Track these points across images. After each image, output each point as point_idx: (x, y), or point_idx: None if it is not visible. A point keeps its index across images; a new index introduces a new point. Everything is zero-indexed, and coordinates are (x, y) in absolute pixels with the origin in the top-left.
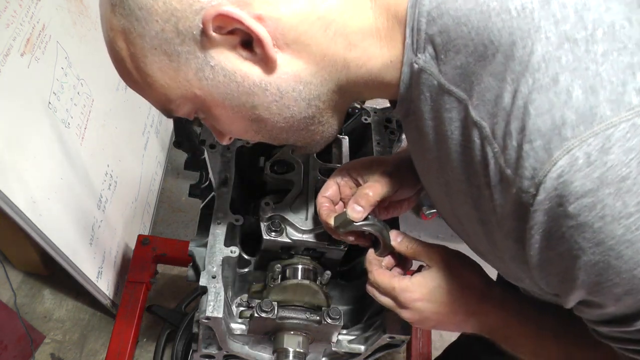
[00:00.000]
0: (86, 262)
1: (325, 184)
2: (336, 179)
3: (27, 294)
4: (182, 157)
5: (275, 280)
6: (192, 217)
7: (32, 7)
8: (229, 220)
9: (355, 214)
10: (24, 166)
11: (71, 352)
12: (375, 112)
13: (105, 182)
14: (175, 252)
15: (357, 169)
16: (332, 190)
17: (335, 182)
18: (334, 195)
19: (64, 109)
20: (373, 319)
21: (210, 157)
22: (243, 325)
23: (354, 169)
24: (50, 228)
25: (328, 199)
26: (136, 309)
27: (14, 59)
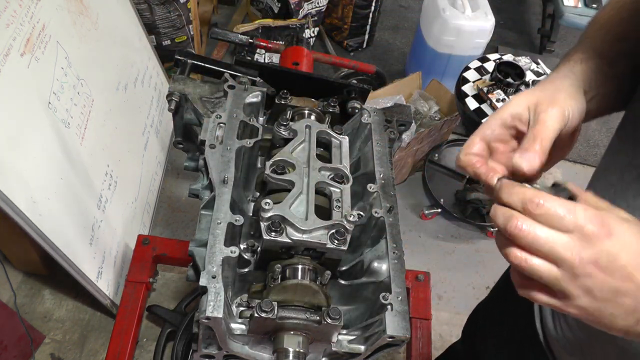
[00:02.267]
0: (86, 262)
1: (469, 139)
2: (483, 132)
3: (27, 294)
4: (182, 157)
5: (275, 280)
6: (192, 217)
7: (32, 7)
8: (228, 220)
9: (526, 163)
10: (24, 166)
11: (71, 352)
12: (375, 112)
13: (105, 182)
14: (175, 252)
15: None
16: (477, 147)
17: (480, 137)
18: (480, 153)
19: (64, 109)
20: (373, 318)
21: (210, 157)
22: (243, 325)
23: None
24: (50, 228)
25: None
26: (136, 309)
27: (14, 59)
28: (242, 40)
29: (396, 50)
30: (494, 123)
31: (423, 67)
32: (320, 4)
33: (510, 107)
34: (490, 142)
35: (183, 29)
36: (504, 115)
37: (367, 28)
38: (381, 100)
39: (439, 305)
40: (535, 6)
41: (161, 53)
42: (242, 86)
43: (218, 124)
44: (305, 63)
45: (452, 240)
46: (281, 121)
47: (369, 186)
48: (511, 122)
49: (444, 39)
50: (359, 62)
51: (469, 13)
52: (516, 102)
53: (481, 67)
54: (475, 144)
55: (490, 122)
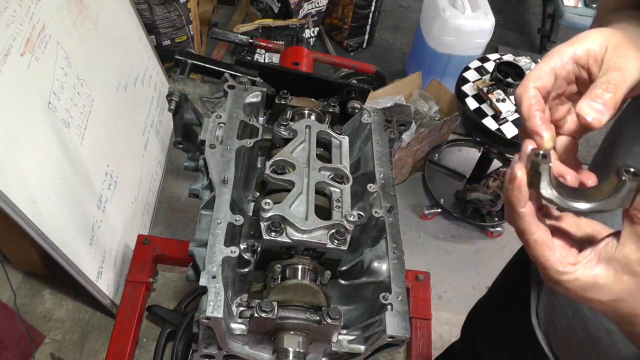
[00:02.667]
0: (86, 262)
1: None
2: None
3: (27, 294)
4: (182, 157)
5: (275, 280)
6: (192, 217)
7: (32, 7)
8: (228, 220)
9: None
10: (24, 166)
11: (71, 352)
12: (375, 112)
13: (105, 182)
14: (175, 252)
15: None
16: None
17: (552, 68)
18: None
19: (64, 109)
20: (373, 318)
21: (210, 157)
22: (243, 325)
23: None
24: (50, 228)
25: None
26: (136, 309)
27: (14, 59)
28: (242, 40)
29: (396, 50)
30: (566, 55)
31: (423, 67)
32: (320, 4)
33: (586, 41)
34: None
35: (183, 29)
36: (577, 50)
37: (367, 28)
38: (381, 100)
39: (439, 305)
40: (535, 6)
41: (161, 53)
42: (242, 86)
43: (218, 124)
44: (305, 63)
45: (452, 240)
46: (281, 121)
47: (369, 186)
48: (585, 60)
49: (444, 39)
50: (359, 62)
51: (469, 13)
52: (591, 37)
53: (481, 67)
54: (546, 74)
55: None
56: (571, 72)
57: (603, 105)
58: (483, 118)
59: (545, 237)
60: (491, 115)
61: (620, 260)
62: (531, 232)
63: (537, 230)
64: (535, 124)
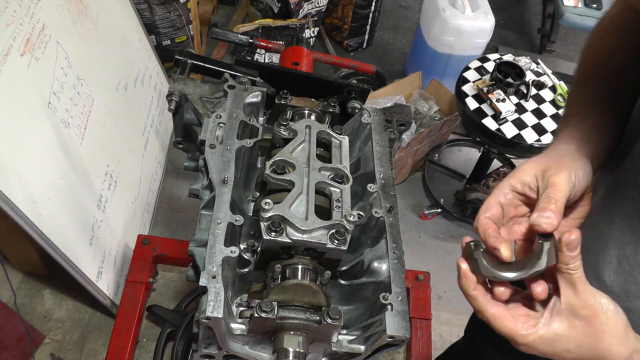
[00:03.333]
0: (86, 262)
1: (485, 203)
2: (497, 197)
3: (27, 294)
4: (182, 157)
5: (275, 280)
6: (192, 217)
7: (32, 7)
8: (228, 220)
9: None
10: (24, 166)
11: (71, 352)
12: (375, 112)
13: (105, 182)
14: (175, 252)
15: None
16: (494, 209)
17: (497, 201)
18: (496, 216)
19: (64, 109)
20: (373, 319)
21: (210, 157)
22: (243, 325)
23: (519, 182)
24: (50, 228)
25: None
26: (136, 309)
27: (14, 59)
28: (242, 40)
29: (396, 50)
30: (505, 188)
31: (423, 67)
32: (320, 4)
33: (520, 175)
34: (503, 206)
35: (183, 29)
36: (513, 182)
37: (367, 28)
38: (381, 100)
39: (439, 305)
40: (535, 6)
41: (161, 53)
42: (242, 86)
43: (218, 124)
44: (305, 63)
45: (452, 240)
46: (281, 121)
47: (369, 186)
48: (521, 189)
49: (444, 39)
50: (359, 62)
51: (469, 13)
52: (524, 170)
53: (481, 67)
54: (493, 206)
55: (502, 187)
56: (513, 199)
57: (551, 212)
58: (483, 118)
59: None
60: (491, 115)
61: (567, 309)
62: (486, 310)
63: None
64: (492, 242)
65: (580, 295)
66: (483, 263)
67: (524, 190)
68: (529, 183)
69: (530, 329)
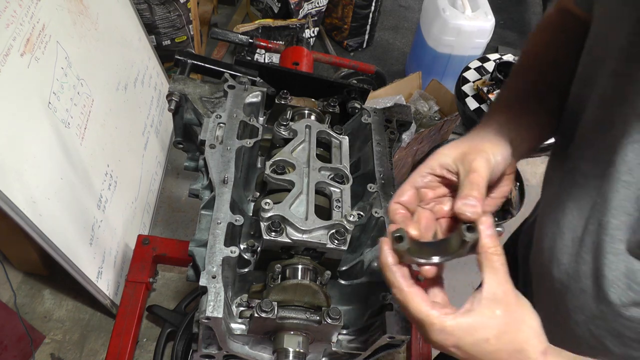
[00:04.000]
0: (86, 262)
1: (399, 188)
2: (414, 181)
3: (27, 294)
4: (182, 157)
5: (275, 280)
6: (192, 217)
7: (32, 7)
8: (229, 220)
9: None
10: (24, 166)
11: (71, 352)
12: (375, 112)
13: (105, 182)
14: (175, 252)
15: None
16: (408, 194)
17: (411, 185)
18: (410, 201)
19: (64, 109)
20: (373, 319)
21: (210, 157)
22: (243, 325)
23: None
24: (50, 228)
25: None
26: (136, 309)
27: (14, 59)
28: (242, 40)
29: (396, 50)
30: (424, 171)
31: (423, 67)
32: (320, 4)
33: (439, 158)
34: (420, 189)
35: (183, 29)
36: (433, 165)
37: (367, 28)
38: (381, 100)
39: None
40: (535, 6)
41: (161, 53)
42: (242, 86)
43: (218, 124)
44: (305, 63)
45: None
46: (281, 121)
47: (369, 186)
48: (439, 171)
49: (444, 39)
50: (359, 62)
51: (469, 13)
52: (444, 152)
53: (481, 67)
54: (406, 191)
55: (420, 170)
56: (431, 181)
57: (473, 200)
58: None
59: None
60: None
61: (489, 297)
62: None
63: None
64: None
65: (503, 285)
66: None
67: (442, 172)
68: (447, 166)
69: (449, 314)
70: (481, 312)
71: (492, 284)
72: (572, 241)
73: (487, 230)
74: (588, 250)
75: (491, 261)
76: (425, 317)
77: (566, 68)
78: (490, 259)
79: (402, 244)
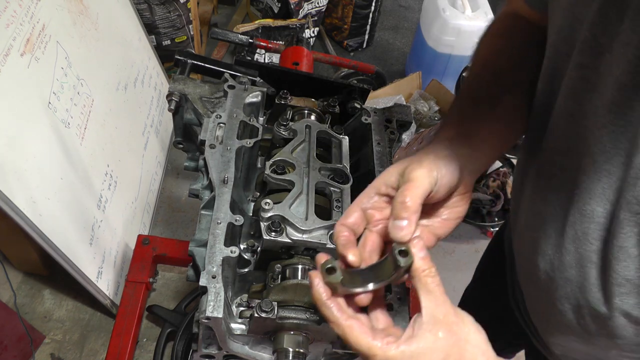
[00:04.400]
0: (86, 262)
1: (346, 210)
2: (360, 202)
3: (27, 294)
4: (182, 157)
5: (275, 280)
6: (192, 217)
7: (32, 7)
8: (229, 220)
9: (399, 232)
10: (24, 166)
11: (71, 352)
12: (375, 112)
13: (105, 182)
14: (175, 252)
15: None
16: (354, 216)
17: (357, 207)
18: (356, 223)
19: (64, 109)
20: None
21: (210, 157)
22: (243, 325)
23: (383, 184)
24: (50, 228)
25: (348, 228)
26: (136, 309)
27: (14, 59)
28: (242, 40)
29: (396, 50)
30: (370, 191)
31: (423, 67)
32: (320, 4)
33: (384, 176)
34: (367, 210)
35: (183, 29)
36: (378, 184)
37: (367, 28)
38: (381, 100)
39: None
40: None
41: (161, 53)
42: (242, 86)
43: (218, 124)
44: (305, 63)
45: (452, 240)
46: (281, 121)
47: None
48: (385, 190)
49: (444, 39)
50: (359, 62)
51: (469, 13)
52: (389, 170)
53: None
54: (352, 213)
55: (367, 191)
56: (378, 202)
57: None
58: None
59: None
60: None
61: (430, 321)
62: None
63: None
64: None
65: (441, 306)
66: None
67: (388, 191)
68: (391, 184)
69: (391, 344)
70: (424, 337)
71: (430, 306)
72: (554, 231)
73: (420, 253)
74: (571, 241)
75: (426, 284)
76: (367, 350)
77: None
78: (425, 282)
79: (335, 276)
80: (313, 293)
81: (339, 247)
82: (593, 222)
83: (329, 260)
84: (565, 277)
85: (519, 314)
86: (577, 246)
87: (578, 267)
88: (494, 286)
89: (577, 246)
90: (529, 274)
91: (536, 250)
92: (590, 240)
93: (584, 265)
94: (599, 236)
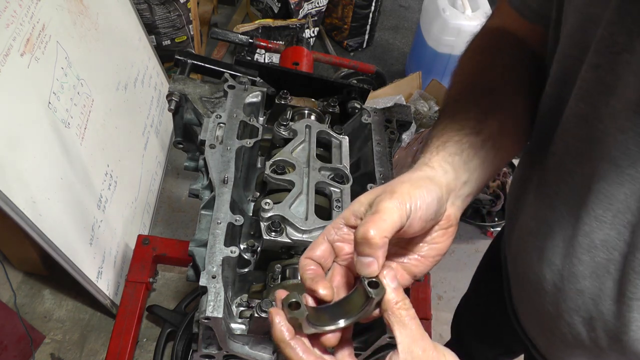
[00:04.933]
0: (86, 262)
1: (312, 242)
2: (327, 233)
3: (27, 294)
4: (182, 157)
5: (276, 280)
6: (192, 217)
7: (32, 7)
8: (229, 220)
9: (366, 268)
10: (24, 166)
11: (71, 352)
12: (375, 112)
13: (105, 182)
14: (175, 252)
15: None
16: (321, 249)
17: (324, 239)
18: (323, 256)
19: (64, 109)
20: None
21: (210, 157)
22: (243, 325)
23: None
24: (50, 228)
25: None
26: (136, 309)
27: (14, 59)
28: (242, 40)
29: (396, 50)
30: (338, 223)
31: (423, 67)
32: (320, 4)
33: (353, 206)
34: (334, 242)
35: (183, 29)
36: (346, 215)
37: (367, 28)
38: (381, 100)
39: (439, 305)
40: None
41: (161, 53)
42: (242, 86)
43: (218, 124)
44: (305, 63)
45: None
46: (281, 121)
47: (369, 186)
48: (354, 221)
49: (444, 39)
50: (359, 62)
51: (469, 13)
52: (359, 200)
53: None
54: (319, 245)
55: (335, 222)
56: (347, 233)
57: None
58: None
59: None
60: None
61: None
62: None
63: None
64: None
65: (419, 341)
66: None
67: (356, 222)
68: (360, 214)
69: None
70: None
71: (406, 342)
72: (563, 240)
73: (392, 283)
74: (585, 250)
75: (400, 317)
76: None
77: (506, 92)
78: (399, 315)
79: (299, 311)
80: (274, 332)
81: (306, 281)
82: (613, 230)
83: (291, 294)
84: (577, 289)
85: (516, 324)
86: (593, 256)
87: (593, 278)
88: (492, 296)
89: (592, 256)
90: (530, 285)
91: (541, 259)
92: (609, 249)
93: (600, 275)
94: (618, 246)
